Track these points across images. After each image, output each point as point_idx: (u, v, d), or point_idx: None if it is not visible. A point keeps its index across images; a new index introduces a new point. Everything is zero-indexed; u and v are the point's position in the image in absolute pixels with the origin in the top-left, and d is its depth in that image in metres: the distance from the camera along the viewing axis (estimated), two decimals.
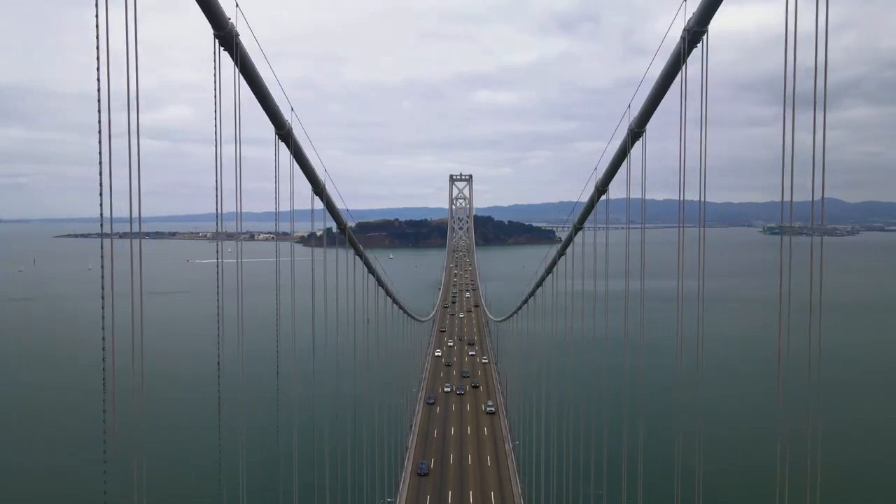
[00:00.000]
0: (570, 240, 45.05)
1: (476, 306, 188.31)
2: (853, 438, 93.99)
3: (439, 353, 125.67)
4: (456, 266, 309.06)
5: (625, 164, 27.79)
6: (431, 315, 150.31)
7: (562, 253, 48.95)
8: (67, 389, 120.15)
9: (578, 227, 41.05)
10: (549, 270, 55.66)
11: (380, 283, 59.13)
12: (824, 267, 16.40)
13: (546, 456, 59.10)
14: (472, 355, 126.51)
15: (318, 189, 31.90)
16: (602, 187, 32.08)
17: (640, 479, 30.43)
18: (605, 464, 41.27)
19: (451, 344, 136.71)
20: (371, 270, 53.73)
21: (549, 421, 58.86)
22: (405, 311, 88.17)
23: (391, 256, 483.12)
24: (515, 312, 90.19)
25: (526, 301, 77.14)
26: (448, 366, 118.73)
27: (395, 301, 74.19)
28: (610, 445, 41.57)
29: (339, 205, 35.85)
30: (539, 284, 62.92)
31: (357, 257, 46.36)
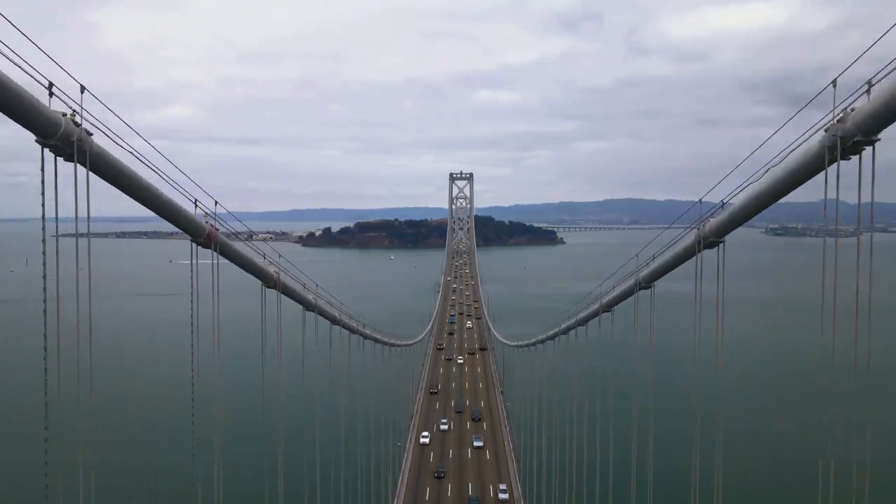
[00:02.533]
0: (688, 257, 22.17)
1: (482, 349, 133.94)
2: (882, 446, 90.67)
3: (426, 439, 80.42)
4: (455, 278, 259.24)
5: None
6: (425, 331, 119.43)
7: (644, 285, 26.88)
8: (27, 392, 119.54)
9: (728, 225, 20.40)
10: (609, 306, 34.02)
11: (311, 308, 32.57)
12: (840, 269, 15.90)
13: None
14: (477, 447, 79.77)
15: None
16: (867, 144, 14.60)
17: None
18: None
19: (446, 425, 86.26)
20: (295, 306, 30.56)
21: None
22: (375, 340, 61.09)
23: (392, 257, 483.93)
24: (540, 343, 66.01)
25: (554, 337, 54.59)
26: (439, 477, 71.53)
27: (358, 332, 50.62)
28: None
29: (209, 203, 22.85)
30: (580, 323, 41.49)
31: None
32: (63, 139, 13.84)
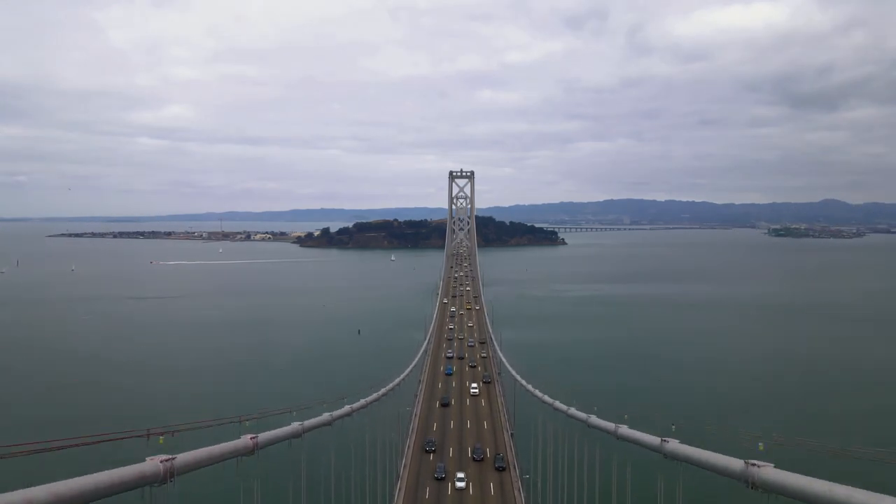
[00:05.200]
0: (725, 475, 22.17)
1: (500, 468, 68.88)
2: None
3: None
4: (454, 297, 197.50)
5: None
6: (415, 361, 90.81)
7: (670, 456, 26.82)
8: None
9: None
10: (623, 438, 32.01)
11: None
12: (851, 271, 14.81)
13: None
14: None
15: None
16: None
17: None
18: None
19: None
20: None
21: None
22: (360, 408, 51.31)
23: (393, 258, 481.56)
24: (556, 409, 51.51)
25: (563, 412, 47.93)
26: None
27: (346, 415, 45.21)
28: None
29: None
30: (592, 426, 39.46)
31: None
32: None
